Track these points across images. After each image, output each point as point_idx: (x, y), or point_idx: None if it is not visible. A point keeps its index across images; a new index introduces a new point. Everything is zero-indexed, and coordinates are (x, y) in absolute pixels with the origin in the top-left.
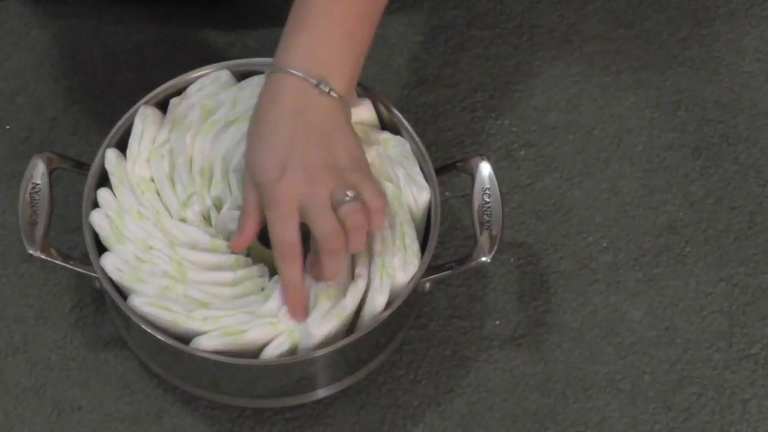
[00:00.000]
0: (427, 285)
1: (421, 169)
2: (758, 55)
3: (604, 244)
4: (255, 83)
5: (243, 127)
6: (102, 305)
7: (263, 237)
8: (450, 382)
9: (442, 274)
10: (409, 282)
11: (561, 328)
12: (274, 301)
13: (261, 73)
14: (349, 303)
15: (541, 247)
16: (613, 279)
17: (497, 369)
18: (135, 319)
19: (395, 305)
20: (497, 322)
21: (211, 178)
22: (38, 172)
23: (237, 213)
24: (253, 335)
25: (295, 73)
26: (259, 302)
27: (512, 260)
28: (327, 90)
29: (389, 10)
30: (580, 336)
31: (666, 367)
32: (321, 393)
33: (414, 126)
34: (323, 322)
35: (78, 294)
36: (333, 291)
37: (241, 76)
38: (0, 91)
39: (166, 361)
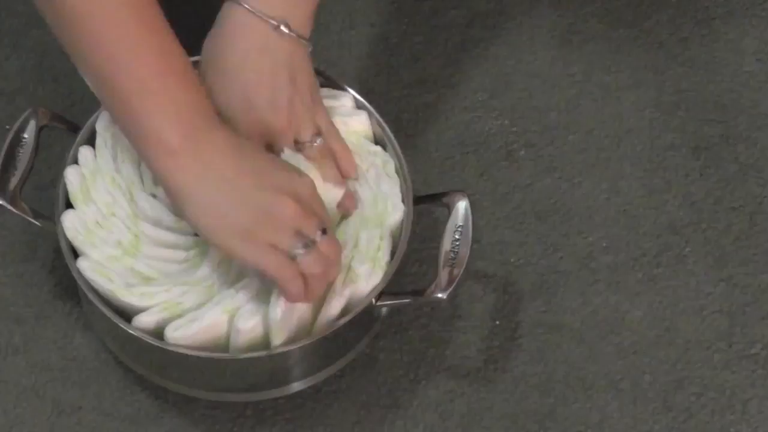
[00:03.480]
0: (384, 309)
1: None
2: (758, 55)
3: (604, 244)
4: None
5: None
6: None
7: None
8: (450, 382)
9: (398, 302)
10: (369, 293)
11: (561, 328)
12: (206, 267)
13: None
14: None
15: (541, 247)
16: (613, 279)
17: (497, 369)
18: (79, 282)
19: (347, 318)
20: (497, 322)
21: None
22: (28, 125)
23: None
24: (189, 303)
25: (255, 11)
26: (195, 271)
27: (512, 260)
28: (287, 31)
29: (389, 10)
30: (580, 336)
31: (666, 367)
32: (256, 397)
33: (414, 126)
34: (249, 317)
35: (78, 294)
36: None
37: None
38: (0, 91)
39: (108, 331)
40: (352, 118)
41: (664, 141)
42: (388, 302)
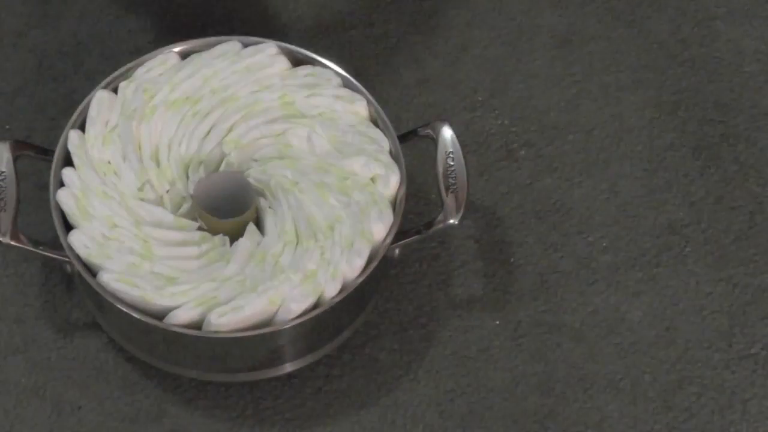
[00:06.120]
0: (396, 251)
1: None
2: (758, 55)
3: (604, 244)
4: (192, 63)
5: (182, 109)
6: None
7: (216, 210)
8: (450, 382)
9: (411, 238)
10: (386, 236)
11: (561, 328)
12: (235, 264)
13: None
14: (322, 278)
15: (541, 247)
16: (613, 279)
17: (497, 369)
18: (105, 295)
19: (372, 265)
20: (497, 322)
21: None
22: (3, 159)
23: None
24: (224, 296)
25: None
26: (222, 267)
27: (512, 260)
28: None
29: (389, 10)
30: (580, 336)
31: (666, 367)
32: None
33: (414, 126)
34: (302, 300)
35: (78, 294)
36: (314, 273)
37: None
38: (0, 91)
39: (137, 337)
40: (353, 104)
41: (664, 141)
42: (401, 242)
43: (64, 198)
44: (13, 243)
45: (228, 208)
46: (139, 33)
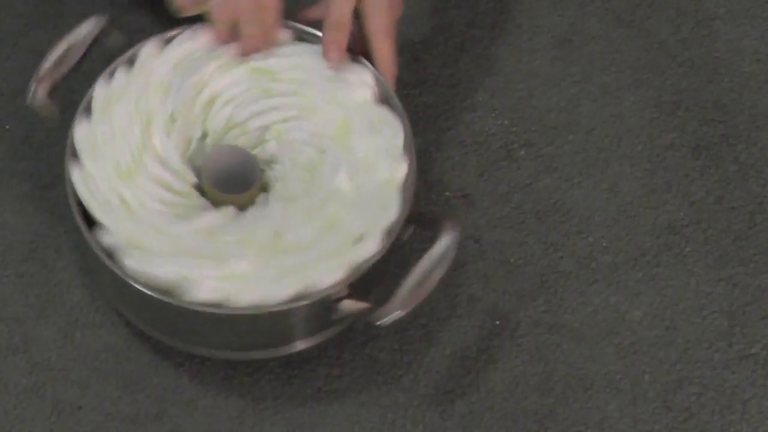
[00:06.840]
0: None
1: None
2: (758, 55)
3: (604, 244)
4: (299, 46)
5: (260, 79)
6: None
7: (222, 185)
8: (450, 382)
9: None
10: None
11: (561, 328)
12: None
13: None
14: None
15: (541, 247)
16: (613, 279)
17: (497, 369)
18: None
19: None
20: (497, 322)
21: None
22: (89, 29)
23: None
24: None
25: None
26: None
27: (512, 260)
28: None
29: None
30: (580, 336)
31: (666, 367)
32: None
33: (414, 126)
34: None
35: (78, 294)
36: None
37: None
38: (0, 91)
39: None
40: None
41: (664, 141)
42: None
43: (99, 91)
44: (44, 100)
45: (232, 183)
46: (139, 33)
